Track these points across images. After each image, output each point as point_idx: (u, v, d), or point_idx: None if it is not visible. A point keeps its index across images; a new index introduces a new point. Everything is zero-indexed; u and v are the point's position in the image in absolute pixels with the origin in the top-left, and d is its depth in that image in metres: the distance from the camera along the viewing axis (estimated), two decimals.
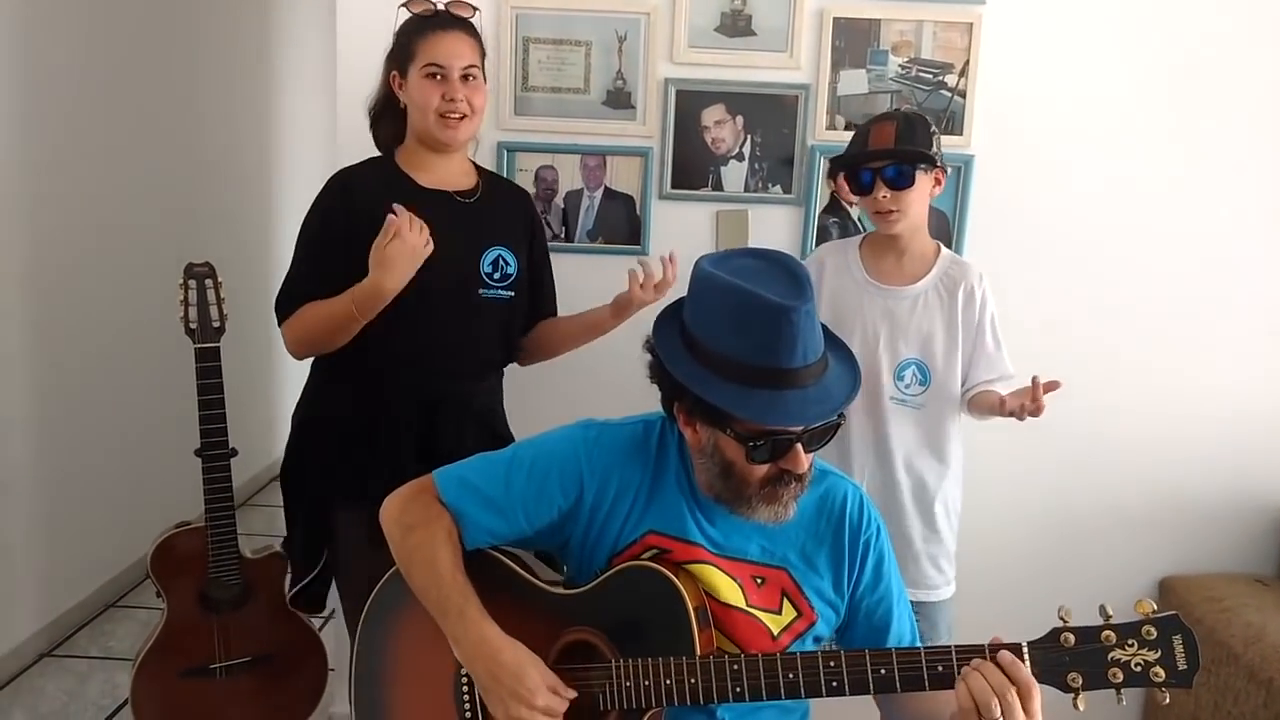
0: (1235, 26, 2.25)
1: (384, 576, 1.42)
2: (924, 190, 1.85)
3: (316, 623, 2.23)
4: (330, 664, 2.24)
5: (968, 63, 2.23)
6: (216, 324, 2.04)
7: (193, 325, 2.02)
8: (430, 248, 1.68)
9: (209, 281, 2.04)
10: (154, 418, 3.29)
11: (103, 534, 3.11)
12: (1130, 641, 1.09)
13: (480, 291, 1.84)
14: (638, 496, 1.32)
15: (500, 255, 1.86)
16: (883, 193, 1.82)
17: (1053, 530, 2.42)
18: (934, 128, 1.85)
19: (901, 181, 1.82)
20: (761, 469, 1.21)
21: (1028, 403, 1.71)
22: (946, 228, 2.29)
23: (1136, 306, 2.34)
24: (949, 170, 2.03)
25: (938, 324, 1.90)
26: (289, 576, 2.06)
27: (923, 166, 1.82)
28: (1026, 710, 1.07)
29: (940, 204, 2.28)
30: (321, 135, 4.88)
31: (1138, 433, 2.38)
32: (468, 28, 1.82)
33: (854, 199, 2.02)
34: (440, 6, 1.82)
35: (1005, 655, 1.09)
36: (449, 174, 1.88)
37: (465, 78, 1.79)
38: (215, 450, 2.04)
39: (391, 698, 1.41)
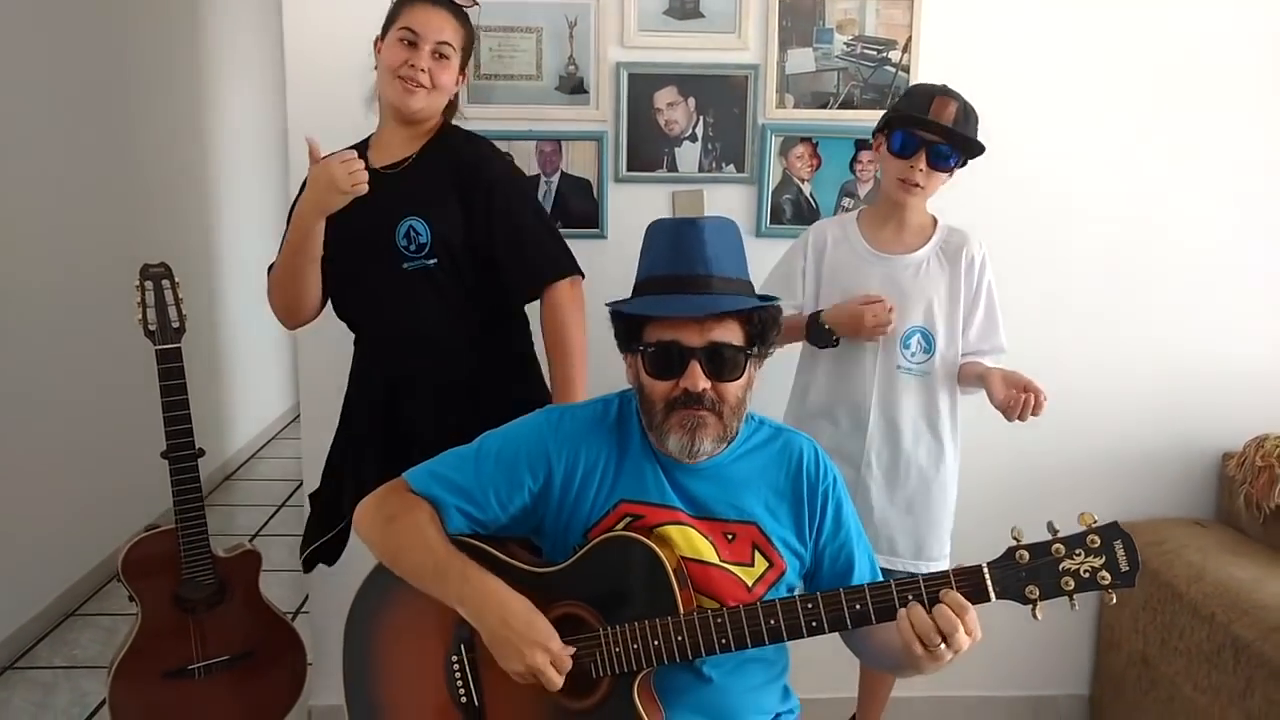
0: None
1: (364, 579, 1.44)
2: (945, 177, 1.88)
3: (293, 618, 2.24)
4: (308, 658, 2.25)
5: (910, 38, 2.30)
6: (176, 324, 2.01)
7: (151, 327, 1.99)
8: (364, 187, 1.66)
9: (165, 282, 2.02)
10: (103, 422, 3.22)
11: (57, 543, 3.05)
12: (1077, 551, 1.16)
13: (404, 265, 1.80)
14: (606, 469, 1.37)
15: (411, 225, 1.79)
16: (921, 165, 1.82)
17: (1004, 480, 2.51)
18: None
19: (945, 165, 1.84)
20: (663, 386, 1.29)
21: (1018, 408, 1.75)
22: None
23: (1078, 264, 2.44)
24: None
25: (941, 290, 1.91)
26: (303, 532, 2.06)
27: (962, 159, 1.84)
28: (966, 629, 1.15)
29: None
30: (264, 131, 4.81)
31: (1084, 388, 2.48)
32: (459, 13, 1.83)
33: (878, 156, 1.94)
34: None
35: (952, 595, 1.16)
36: (392, 148, 1.85)
37: (438, 55, 1.78)
38: (182, 451, 2.02)
39: (384, 696, 1.43)
